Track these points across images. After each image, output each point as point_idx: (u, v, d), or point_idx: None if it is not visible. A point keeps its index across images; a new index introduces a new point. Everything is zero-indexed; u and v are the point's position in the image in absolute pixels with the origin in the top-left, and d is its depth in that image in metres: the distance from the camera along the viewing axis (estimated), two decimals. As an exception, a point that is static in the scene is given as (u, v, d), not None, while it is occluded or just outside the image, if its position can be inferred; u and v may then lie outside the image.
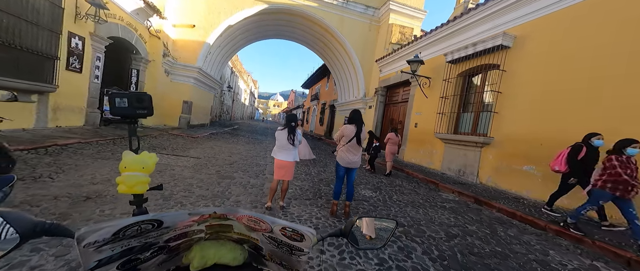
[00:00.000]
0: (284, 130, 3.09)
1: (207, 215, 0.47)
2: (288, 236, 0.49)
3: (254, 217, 0.47)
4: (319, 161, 7.22)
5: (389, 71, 10.35)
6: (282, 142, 3.07)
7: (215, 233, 0.55)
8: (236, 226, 0.53)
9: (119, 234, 0.41)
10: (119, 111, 0.86)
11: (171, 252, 0.55)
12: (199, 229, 0.52)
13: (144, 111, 0.92)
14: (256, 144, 9.58)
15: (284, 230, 0.48)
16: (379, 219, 0.71)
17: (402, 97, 9.57)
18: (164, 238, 0.50)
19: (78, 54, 5.79)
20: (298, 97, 48.70)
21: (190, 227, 0.50)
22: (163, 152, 5.42)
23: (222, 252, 0.55)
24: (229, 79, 23.41)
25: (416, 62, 7.09)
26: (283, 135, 3.07)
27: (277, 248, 0.54)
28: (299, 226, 0.47)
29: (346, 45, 11.90)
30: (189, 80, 10.62)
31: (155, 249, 0.51)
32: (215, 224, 0.52)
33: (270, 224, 0.48)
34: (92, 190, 2.81)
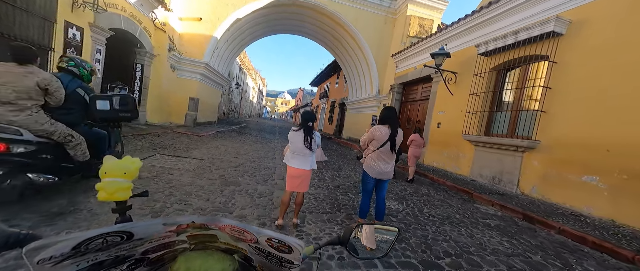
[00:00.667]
0: (299, 131, 2.51)
1: (185, 225, 0.42)
2: (275, 247, 0.45)
3: (237, 227, 0.43)
4: (331, 163, 6.62)
5: (407, 66, 9.60)
6: (297, 146, 2.49)
7: (201, 243, 0.51)
8: (221, 236, 0.48)
9: (79, 248, 0.36)
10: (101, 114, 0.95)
11: (153, 264, 0.51)
12: (180, 239, 0.47)
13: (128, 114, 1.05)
14: (264, 143, 9.08)
15: (271, 240, 0.44)
16: (380, 225, 0.68)
17: (422, 94, 8.82)
18: (139, 250, 0.45)
19: (76, 45, 5.40)
20: (306, 95, 48.17)
21: (170, 238, 0.46)
22: (164, 153, 4.96)
23: (210, 263, 0.51)
24: (237, 76, 23.11)
25: (441, 55, 6.35)
26: (298, 137, 2.49)
27: (266, 259, 0.50)
28: (286, 237, 0.43)
29: (360, 39, 11.20)
30: (196, 76, 10.22)
31: (131, 262, 0.47)
32: (198, 235, 0.47)
33: (256, 235, 0.44)
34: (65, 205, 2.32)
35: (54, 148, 2.17)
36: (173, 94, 9.76)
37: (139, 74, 8.14)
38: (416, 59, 8.91)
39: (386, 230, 0.67)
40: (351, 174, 5.47)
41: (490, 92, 5.70)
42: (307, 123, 2.53)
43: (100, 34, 5.99)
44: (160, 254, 0.49)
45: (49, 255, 0.34)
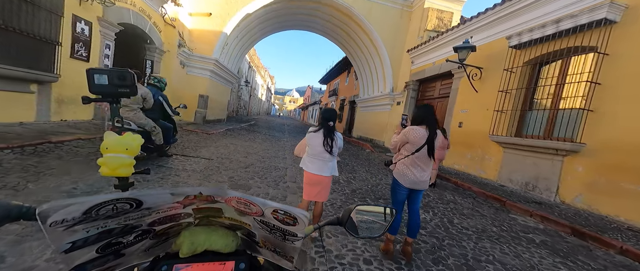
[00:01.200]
0: (318, 132, 2.18)
1: (193, 196, 0.43)
2: (280, 220, 0.47)
3: (244, 199, 0.44)
4: (343, 164, 6.27)
5: (424, 62, 9.07)
6: (316, 149, 2.16)
7: (206, 218, 0.52)
8: (226, 210, 0.50)
9: (90, 213, 0.37)
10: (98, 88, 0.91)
11: (158, 237, 0.51)
12: (186, 213, 0.48)
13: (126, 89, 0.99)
14: (274, 142, 8.82)
15: (276, 212, 0.46)
16: (377, 206, 0.71)
17: (441, 91, 8.29)
18: (147, 220, 0.46)
19: (84, 40, 5.26)
20: (314, 93, 47.87)
21: (177, 210, 0.46)
22: (171, 151, 4.75)
23: (213, 238, 0.51)
24: (246, 73, 23.02)
25: (466, 49, 5.85)
26: (317, 139, 2.16)
27: (269, 233, 0.52)
28: (291, 208, 0.45)
29: (373, 34, 10.72)
30: (205, 73, 10.07)
31: (138, 232, 0.47)
32: (203, 208, 0.48)
33: (261, 207, 0.45)
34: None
35: (144, 134, 3.36)
36: (182, 91, 9.64)
37: (149, 71, 8.03)
38: (435, 54, 8.38)
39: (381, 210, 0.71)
40: (367, 177, 5.10)
41: (522, 89, 5.17)
42: (328, 123, 2.19)
43: (109, 28, 5.85)
44: (165, 227, 0.50)
45: (61, 218, 0.35)
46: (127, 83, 1.69)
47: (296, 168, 5.22)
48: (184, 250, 0.49)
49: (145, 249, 0.52)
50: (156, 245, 0.54)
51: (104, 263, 0.47)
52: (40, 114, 4.60)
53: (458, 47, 5.93)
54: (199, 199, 0.44)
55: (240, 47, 12.38)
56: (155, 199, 0.41)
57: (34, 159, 3.01)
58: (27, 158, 3.03)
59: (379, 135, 11.79)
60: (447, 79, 7.86)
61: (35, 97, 4.44)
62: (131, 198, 0.38)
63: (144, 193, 0.38)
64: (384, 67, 11.27)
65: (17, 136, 3.54)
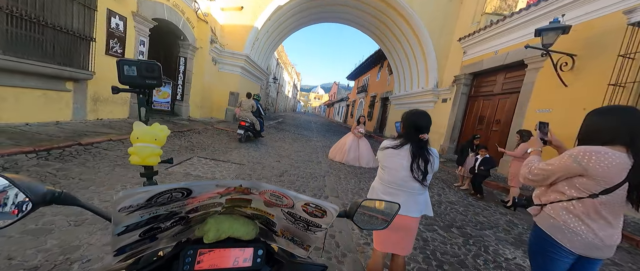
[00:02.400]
0: (401, 149, 1.40)
1: (232, 188, 0.46)
2: (309, 213, 0.49)
3: (278, 192, 0.46)
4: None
5: (481, 51, 7.68)
6: (398, 175, 1.39)
7: (231, 208, 0.55)
8: (255, 202, 0.52)
9: (152, 200, 0.40)
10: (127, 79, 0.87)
11: (187, 224, 0.54)
12: (218, 202, 0.51)
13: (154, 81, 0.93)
14: (304, 142, 8.23)
15: (307, 205, 0.48)
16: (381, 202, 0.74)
17: (504, 86, 6.90)
18: (187, 208, 0.48)
19: (119, 36, 5.11)
20: (341, 89, 46.81)
21: (212, 199, 0.49)
22: (201, 154, 4.35)
23: (236, 226, 0.54)
24: (274, 70, 22.94)
25: (554, 31, 4.53)
26: (400, 160, 1.39)
27: (293, 224, 0.54)
28: (323, 202, 0.47)
29: (415, 21, 9.49)
30: (236, 69, 9.82)
31: (176, 219, 0.50)
32: (236, 198, 0.51)
33: (293, 200, 0.47)
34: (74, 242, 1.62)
35: (251, 125, 6.10)
36: (215, 89, 9.51)
37: (183, 68, 7.93)
38: (498, 41, 6.98)
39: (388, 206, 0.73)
40: (422, 192, 4.20)
41: (647, 82, 3.77)
42: (419, 135, 1.40)
43: (143, 24, 5.68)
44: (198, 214, 0.52)
45: (128, 204, 0.38)
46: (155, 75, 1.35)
47: (335, 176, 4.52)
48: (210, 236, 0.51)
49: (174, 234, 0.54)
50: (181, 232, 0.55)
51: (139, 246, 0.49)
52: (77, 112, 4.51)
53: (543, 29, 4.63)
54: (237, 190, 0.46)
55: (271, 42, 11.99)
56: (203, 189, 0.43)
57: (56, 166, 2.71)
58: (49, 164, 2.74)
59: (418, 136, 10.55)
60: (515, 70, 6.46)
61: (71, 96, 4.34)
62: (185, 187, 0.41)
63: (195, 183, 0.41)
64: (427, 59, 9.98)
65: (48, 137, 3.34)
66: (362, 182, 4.35)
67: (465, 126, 8.34)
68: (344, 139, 6.17)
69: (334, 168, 5.18)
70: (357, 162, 5.78)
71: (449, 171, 6.35)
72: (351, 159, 5.78)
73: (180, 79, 7.93)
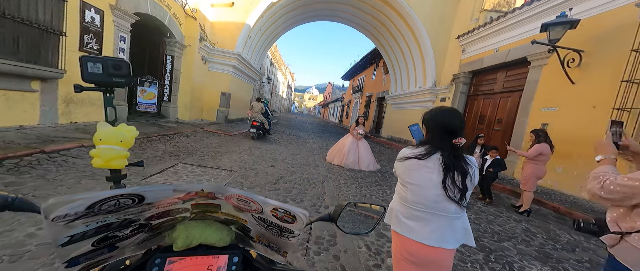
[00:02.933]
0: (428, 160, 1.06)
1: (194, 192, 0.43)
2: (279, 218, 0.47)
3: (245, 196, 0.44)
4: (388, 175, 5.10)
5: (481, 49, 7.50)
6: (426, 194, 1.05)
7: (201, 213, 0.51)
8: (224, 206, 0.49)
9: (93, 208, 0.36)
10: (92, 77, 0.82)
11: (152, 231, 0.50)
12: (183, 208, 0.48)
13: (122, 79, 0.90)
14: (299, 144, 7.87)
15: (276, 210, 0.46)
16: (368, 204, 0.71)
17: (505, 85, 6.72)
18: (146, 215, 0.45)
19: (95, 31, 4.65)
20: (336, 90, 46.56)
21: (175, 205, 0.46)
22: (187, 161, 3.95)
23: (208, 232, 0.50)
24: (268, 70, 22.50)
25: (562, 25, 4.33)
26: (427, 174, 1.05)
27: (266, 229, 0.52)
28: (292, 207, 0.45)
29: (413, 19, 9.27)
30: (228, 69, 9.39)
31: (135, 226, 0.47)
32: (202, 204, 0.48)
33: (261, 205, 0.45)
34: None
35: (261, 125, 7.08)
36: (205, 89, 9.06)
37: (170, 67, 7.47)
38: (498, 38, 6.80)
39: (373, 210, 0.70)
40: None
41: (661, 78, 3.59)
42: (452, 140, 1.07)
43: (123, 18, 5.22)
44: (161, 221, 0.49)
45: (63, 213, 0.35)
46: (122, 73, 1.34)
47: (334, 181, 4.19)
48: (178, 244, 0.48)
49: (139, 242, 0.51)
50: (149, 239, 0.52)
51: (97, 256, 0.46)
52: (46, 116, 4.04)
53: (550, 24, 4.42)
54: (199, 195, 0.44)
55: (264, 41, 11.59)
56: (158, 194, 0.41)
57: (6, 179, 2.29)
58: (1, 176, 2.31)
59: (416, 136, 10.35)
60: (517, 68, 6.28)
61: (38, 97, 3.87)
62: (134, 193, 0.38)
63: (147, 188, 0.38)
64: (424, 58, 9.78)
65: (4, 145, 2.88)
66: (364, 187, 4.03)
67: (465, 125, 8.13)
68: (343, 141, 5.84)
69: (333, 172, 4.85)
70: (356, 165, 5.46)
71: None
72: (351, 163, 5.46)
73: (167, 79, 7.46)
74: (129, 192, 0.37)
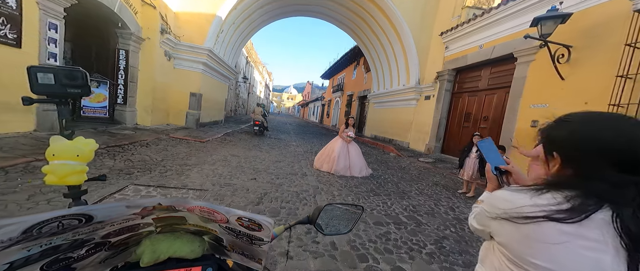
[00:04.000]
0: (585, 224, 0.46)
1: (151, 207, 0.40)
2: (245, 226, 0.46)
3: (207, 208, 0.42)
4: (381, 179, 4.66)
5: (464, 46, 7.44)
6: None
7: (168, 226, 0.49)
8: (190, 218, 0.47)
9: (31, 231, 0.33)
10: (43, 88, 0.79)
11: (115, 248, 0.47)
12: (145, 223, 0.45)
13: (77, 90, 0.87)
14: (282, 148, 7.19)
15: (241, 220, 0.45)
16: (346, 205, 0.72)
17: (490, 82, 6.69)
18: (100, 233, 0.42)
19: (9, 15, 3.55)
20: (315, 89, 46.12)
21: (134, 221, 0.43)
22: (143, 180, 3.11)
23: (177, 245, 0.49)
24: (244, 69, 21.25)
25: (553, 20, 4.23)
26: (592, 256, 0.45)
27: (236, 238, 0.50)
28: (255, 215, 0.44)
29: (396, 16, 9.04)
30: (197, 66, 8.34)
31: (90, 246, 0.43)
32: (165, 217, 0.46)
33: (226, 215, 0.44)
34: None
35: (261, 124, 9.13)
36: (170, 89, 7.94)
37: (123, 63, 6.31)
38: (482, 34, 6.74)
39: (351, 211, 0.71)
40: (427, 203, 3.51)
41: (652, 73, 3.57)
42: None
43: (52, 1, 4.12)
44: (123, 237, 0.46)
45: None
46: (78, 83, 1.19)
47: (327, 193, 3.63)
48: (145, 260, 0.46)
49: (101, 261, 0.47)
50: (113, 256, 0.48)
51: None
52: None
53: (541, 18, 4.29)
54: (158, 209, 0.42)
55: (238, 36, 10.63)
56: (108, 212, 0.38)
57: None
58: None
59: (401, 135, 10.20)
60: (502, 64, 6.24)
61: None
62: (81, 213, 0.35)
63: (94, 207, 0.36)
64: (407, 55, 9.62)
65: None
66: (362, 199, 3.53)
67: (451, 123, 8.08)
68: (332, 145, 5.30)
69: (324, 181, 4.29)
70: (348, 171, 4.96)
71: (445, 174, 5.88)
72: (341, 169, 4.94)
73: (121, 78, 6.30)
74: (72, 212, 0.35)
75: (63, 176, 0.55)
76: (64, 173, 0.55)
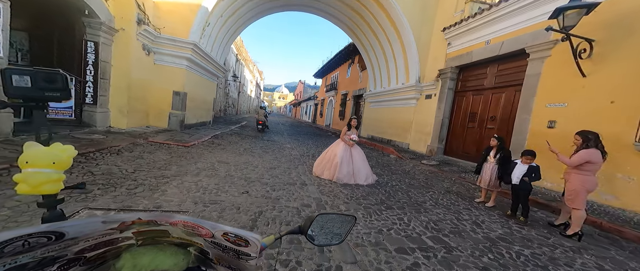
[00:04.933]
0: None
1: (130, 222, 0.39)
2: (231, 242, 0.44)
3: (191, 223, 0.40)
4: (389, 187, 4.16)
5: (469, 42, 7.07)
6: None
7: (150, 239, 0.47)
8: (173, 231, 0.45)
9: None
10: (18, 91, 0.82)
11: (91, 263, 0.45)
12: (124, 236, 0.43)
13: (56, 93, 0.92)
14: (276, 151, 6.59)
15: (227, 235, 0.43)
16: (338, 215, 0.70)
17: (497, 80, 6.34)
18: (74, 249, 0.40)
19: None
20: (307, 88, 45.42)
21: (112, 235, 0.42)
22: (102, 201, 2.45)
23: (160, 258, 0.47)
24: (234, 67, 20.34)
25: (577, 10, 3.85)
26: None
27: (222, 252, 0.48)
28: (242, 231, 0.42)
29: (395, 10, 8.59)
30: (181, 62, 7.57)
31: (63, 262, 0.41)
32: (145, 231, 0.44)
33: (211, 230, 0.42)
34: None
35: (264, 123, 10.93)
36: (150, 87, 7.14)
37: (92, 58, 5.50)
38: (488, 30, 6.38)
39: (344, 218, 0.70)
40: (448, 218, 3.03)
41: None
42: None
43: (-8, -24, 3.33)
44: (99, 252, 0.44)
45: None
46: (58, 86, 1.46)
47: (331, 206, 3.09)
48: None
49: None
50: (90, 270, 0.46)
51: None
52: None
53: (564, 8, 3.90)
54: (137, 223, 0.40)
55: (227, 31, 9.88)
56: (82, 228, 0.36)
57: None
58: None
59: (401, 136, 9.80)
60: (511, 62, 5.89)
61: None
62: (51, 231, 0.33)
63: (66, 223, 0.34)
64: (407, 53, 9.21)
65: None
66: (373, 214, 3.00)
67: (454, 123, 7.72)
68: (333, 150, 4.75)
69: (326, 191, 3.74)
70: (352, 179, 4.43)
71: (454, 179, 5.45)
72: (345, 176, 4.41)
73: (89, 74, 5.49)
74: (41, 230, 0.32)
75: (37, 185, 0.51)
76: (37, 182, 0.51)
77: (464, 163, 6.73)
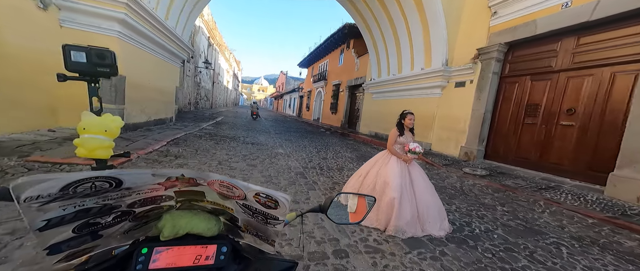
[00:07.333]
0: None
1: (175, 178, 0.43)
2: (262, 203, 0.47)
3: (227, 182, 0.44)
4: (474, 237, 2.18)
5: (529, 8, 5.27)
6: None
7: (188, 202, 0.51)
8: (209, 194, 0.50)
9: (67, 190, 0.36)
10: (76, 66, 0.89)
11: (138, 220, 0.49)
12: (167, 195, 0.48)
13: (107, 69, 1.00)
14: (266, 161, 4.27)
15: (258, 196, 0.46)
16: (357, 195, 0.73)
17: (578, 58, 4.61)
18: (127, 201, 0.44)
19: None
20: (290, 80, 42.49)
21: (158, 192, 0.46)
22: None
23: (195, 222, 0.50)
24: (205, 52, 17.14)
25: None
26: None
27: (252, 217, 0.51)
28: (273, 191, 0.45)
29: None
30: (111, 27, 4.85)
31: (118, 213, 0.46)
32: (186, 191, 0.48)
33: (244, 190, 0.45)
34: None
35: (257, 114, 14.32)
36: (55, 65, 4.38)
37: None
38: (567, -12, 4.57)
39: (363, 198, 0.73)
40: None
41: None
42: None
43: None
44: (146, 209, 0.48)
45: (36, 194, 0.34)
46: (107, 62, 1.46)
47: None
48: (165, 233, 0.48)
49: (124, 231, 0.49)
50: (136, 228, 0.51)
51: (80, 244, 0.44)
52: None
53: None
54: (181, 181, 0.44)
55: (189, -8, 7.13)
56: (136, 179, 0.40)
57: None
58: None
59: (419, 134, 7.96)
60: (614, 28, 4.14)
61: None
62: (110, 176, 0.37)
63: (124, 172, 0.38)
64: (430, 28, 7.26)
65: None
66: None
67: (500, 119, 5.98)
68: (380, 172, 2.67)
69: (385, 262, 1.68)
70: (418, 227, 2.41)
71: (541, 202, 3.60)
72: (409, 224, 2.36)
73: None
74: (104, 174, 0.36)
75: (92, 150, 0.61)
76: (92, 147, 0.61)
77: (525, 172, 5.02)
